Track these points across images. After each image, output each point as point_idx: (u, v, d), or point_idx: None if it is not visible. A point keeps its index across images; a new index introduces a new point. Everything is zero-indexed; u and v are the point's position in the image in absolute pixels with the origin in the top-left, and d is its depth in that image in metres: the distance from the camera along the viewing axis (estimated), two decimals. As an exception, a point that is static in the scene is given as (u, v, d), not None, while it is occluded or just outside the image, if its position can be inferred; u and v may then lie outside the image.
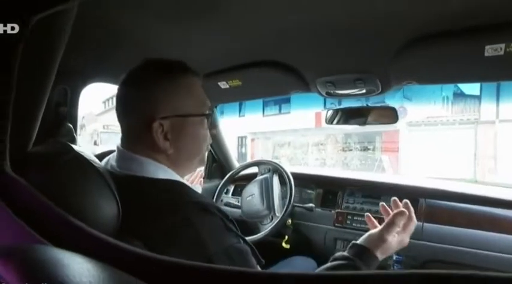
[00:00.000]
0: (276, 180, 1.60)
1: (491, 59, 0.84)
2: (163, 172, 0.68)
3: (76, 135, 1.16)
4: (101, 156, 0.75)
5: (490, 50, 0.82)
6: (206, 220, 0.60)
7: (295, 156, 11.75)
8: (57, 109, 1.11)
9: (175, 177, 0.69)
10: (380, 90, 1.18)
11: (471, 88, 8.29)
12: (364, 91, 1.23)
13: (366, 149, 10.34)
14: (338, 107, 1.44)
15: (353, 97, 1.27)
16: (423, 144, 8.66)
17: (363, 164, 10.20)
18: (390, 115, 1.33)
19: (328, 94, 1.26)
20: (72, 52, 0.98)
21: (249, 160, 1.93)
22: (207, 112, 0.72)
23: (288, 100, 10.25)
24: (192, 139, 0.70)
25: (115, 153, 0.72)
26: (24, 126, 0.62)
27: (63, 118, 1.12)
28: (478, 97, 8.39)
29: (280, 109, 11.15)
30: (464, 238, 1.28)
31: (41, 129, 1.09)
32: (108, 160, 0.73)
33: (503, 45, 0.80)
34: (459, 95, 8.63)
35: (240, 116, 9.22)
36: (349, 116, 1.45)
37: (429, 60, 0.96)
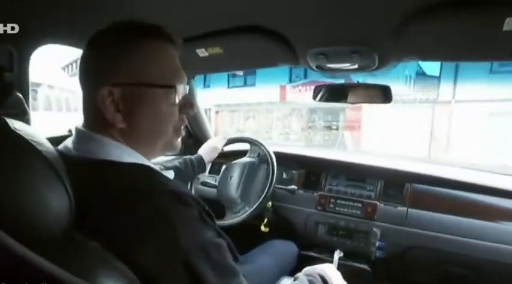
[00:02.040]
0: (262, 169, 1.50)
1: (509, 34, 0.74)
2: (128, 155, 0.58)
3: (28, 106, 0.99)
4: (59, 140, 0.63)
5: None
6: (181, 212, 0.53)
7: (260, 130, 11.62)
8: (1, 75, 0.93)
9: (142, 160, 0.60)
10: (376, 65, 1.08)
11: (433, 69, 8.49)
12: (356, 66, 1.12)
13: (330, 126, 10.41)
14: (326, 83, 1.33)
15: (345, 73, 1.16)
16: (384, 121, 8.83)
17: (327, 140, 10.30)
18: (382, 95, 1.23)
19: (319, 67, 1.14)
20: (19, 5, 0.82)
21: (212, 133, 1.81)
22: (174, 84, 0.60)
23: (253, 72, 10.07)
24: (150, 114, 0.59)
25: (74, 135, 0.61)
26: None
27: (9, 86, 0.95)
28: (438, 78, 8.63)
29: (245, 82, 10.94)
30: (447, 224, 1.25)
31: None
32: (65, 143, 0.62)
33: None
34: (421, 75, 8.83)
35: (204, 87, 8.89)
36: (336, 93, 1.34)
37: (437, 34, 0.86)
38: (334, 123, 10.35)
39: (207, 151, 1.43)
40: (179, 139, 0.66)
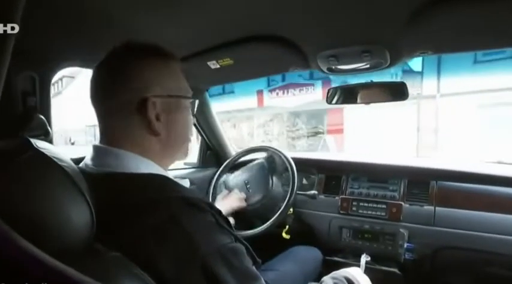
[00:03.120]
0: (274, 166, 1.48)
1: None
2: (145, 166, 0.61)
3: (51, 128, 1.03)
4: (79, 160, 0.66)
5: None
6: (195, 218, 0.54)
7: (243, 138, 11.07)
8: (25, 99, 0.98)
9: (159, 170, 0.63)
10: (388, 63, 1.05)
11: (419, 64, 8.19)
12: (368, 65, 1.11)
13: (314, 129, 9.91)
14: (340, 85, 1.31)
15: (357, 73, 1.14)
16: (368, 120, 8.41)
17: (311, 145, 9.81)
18: (398, 92, 1.20)
19: (330, 70, 1.14)
20: (38, 34, 0.86)
21: (195, 143, 1.80)
22: (191, 96, 0.69)
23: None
24: (182, 122, 0.67)
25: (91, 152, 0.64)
26: None
27: (33, 109, 0.99)
28: (421, 73, 8.31)
29: (223, 89, 10.37)
30: (480, 222, 1.19)
31: (9, 122, 0.97)
32: (85, 160, 0.65)
33: None
34: (408, 72, 8.52)
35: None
36: (351, 94, 1.32)
37: (452, 24, 0.83)
38: (321, 127, 9.85)
39: (225, 208, 1.28)
40: None
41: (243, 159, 1.56)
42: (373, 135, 8.19)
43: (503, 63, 5.70)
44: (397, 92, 1.21)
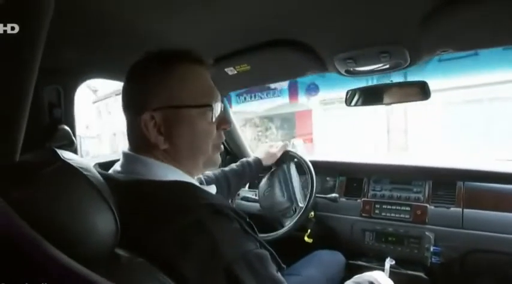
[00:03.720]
0: (293, 169, 1.47)
1: None
2: (172, 173, 0.62)
3: (75, 138, 1.07)
4: (109, 164, 0.69)
5: None
6: (221, 224, 0.54)
7: None
8: (51, 111, 1.02)
9: (185, 177, 0.63)
10: (408, 62, 1.03)
11: None
12: (388, 65, 1.08)
13: (286, 133, 9.59)
14: (359, 86, 1.29)
15: (377, 74, 1.12)
16: (338, 122, 8.17)
17: None
18: (420, 91, 1.17)
19: (348, 72, 1.12)
20: (62, 48, 0.90)
21: None
22: (209, 103, 0.64)
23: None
24: (190, 134, 0.63)
25: (121, 158, 0.66)
26: (5, 131, 0.53)
27: (58, 120, 1.03)
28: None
29: None
30: (510, 224, 1.14)
31: (36, 134, 1.01)
32: (114, 167, 0.68)
33: None
34: None
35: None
36: (371, 96, 1.30)
37: (472, 21, 0.80)
38: (293, 131, 9.55)
39: (265, 155, 1.40)
40: (218, 155, 0.70)
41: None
42: (343, 137, 8.00)
43: (466, 61, 5.44)
44: (418, 91, 1.18)
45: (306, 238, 1.43)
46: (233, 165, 1.30)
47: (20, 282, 0.34)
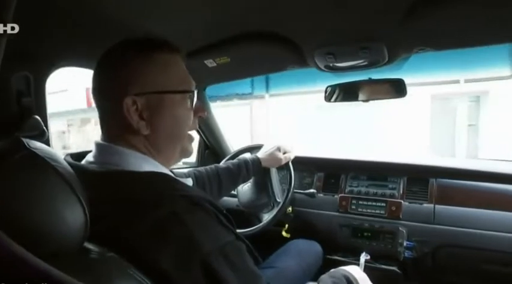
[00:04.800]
0: (279, 174, 1.47)
1: None
2: (148, 164, 0.61)
3: (47, 128, 1.03)
4: (81, 155, 0.67)
5: None
6: (198, 216, 0.54)
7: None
8: (20, 100, 0.97)
9: (161, 168, 0.63)
10: (386, 59, 1.04)
11: None
12: (366, 63, 1.09)
13: None
14: (338, 82, 1.30)
15: (355, 70, 1.13)
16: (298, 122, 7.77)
17: None
18: (396, 89, 1.19)
19: (328, 67, 1.13)
20: (32, 34, 0.85)
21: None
22: (190, 89, 0.66)
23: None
24: (170, 119, 0.63)
25: (93, 149, 0.65)
26: None
27: (28, 110, 0.98)
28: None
29: None
30: (480, 219, 1.19)
31: (5, 124, 0.96)
32: (87, 157, 0.66)
33: None
34: None
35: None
36: (350, 92, 1.31)
37: (450, 20, 0.82)
38: None
39: (267, 157, 1.30)
40: (192, 145, 0.71)
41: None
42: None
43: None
44: (395, 89, 1.20)
45: (283, 233, 1.45)
46: (230, 164, 1.23)
47: None
